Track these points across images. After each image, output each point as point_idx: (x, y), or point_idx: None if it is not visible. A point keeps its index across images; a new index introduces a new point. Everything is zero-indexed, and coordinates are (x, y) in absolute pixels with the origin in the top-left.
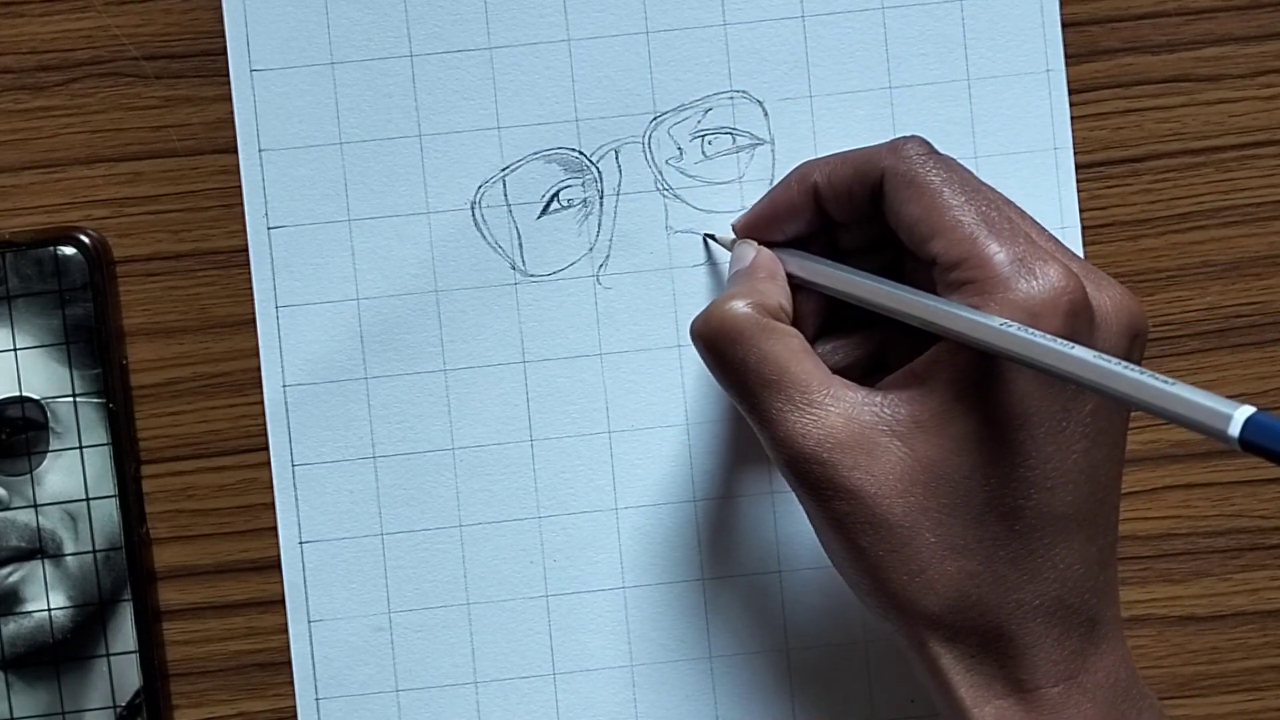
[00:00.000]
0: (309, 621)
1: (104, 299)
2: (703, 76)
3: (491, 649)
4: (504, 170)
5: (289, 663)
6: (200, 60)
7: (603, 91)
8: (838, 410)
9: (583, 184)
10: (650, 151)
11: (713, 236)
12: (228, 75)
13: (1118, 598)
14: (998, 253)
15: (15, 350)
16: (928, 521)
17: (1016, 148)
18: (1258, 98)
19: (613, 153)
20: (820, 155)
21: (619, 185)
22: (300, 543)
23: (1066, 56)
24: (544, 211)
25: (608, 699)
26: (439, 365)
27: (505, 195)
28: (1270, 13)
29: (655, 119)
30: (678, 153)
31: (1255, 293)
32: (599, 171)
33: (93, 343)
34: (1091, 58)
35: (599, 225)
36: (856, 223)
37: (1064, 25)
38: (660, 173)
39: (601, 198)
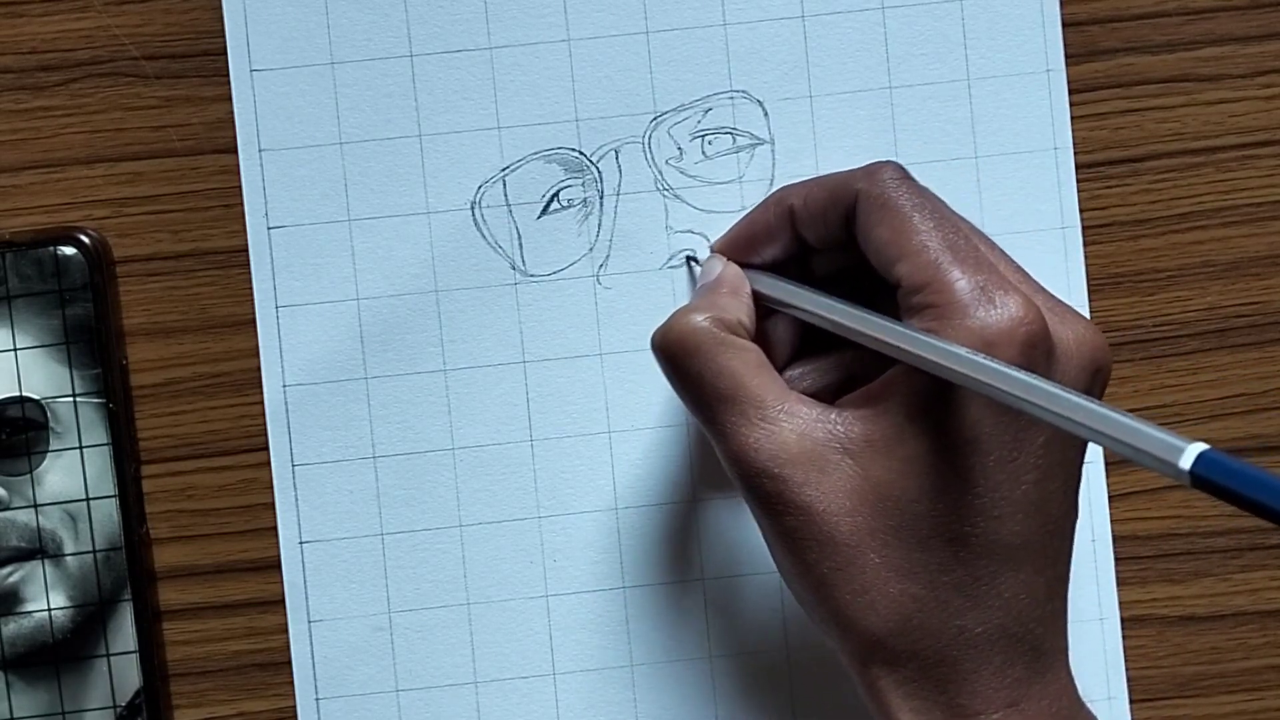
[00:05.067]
0: (309, 621)
1: (104, 299)
2: (703, 76)
3: (491, 649)
4: (504, 170)
5: (289, 663)
6: (200, 60)
7: (603, 91)
8: (791, 426)
9: (583, 184)
10: (650, 151)
11: (695, 259)
12: (228, 75)
13: (1065, 627)
14: (959, 279)
15: (15, 350)
16: (874, 542)
17: (1016, 148)
18: (1258, 98)
19: (613, 153)
20: (798, 180)
21: (619, 185)
22: (300, 543)
23: (1066, 56)
24: (544, 211)
25: (608, 699)
26: (439, 365)
27: (505, 195)
28: (1270, 13)
29: (655, 119)
30: (678, 153)
31: (1255, 293)
32: (599, 171)
33: (93, 343)
34: (1091, 58)
35: (599, 225)
36: (830, 249)
37: (1064, 25)
38: (660, 173)
39: (601, 198)
